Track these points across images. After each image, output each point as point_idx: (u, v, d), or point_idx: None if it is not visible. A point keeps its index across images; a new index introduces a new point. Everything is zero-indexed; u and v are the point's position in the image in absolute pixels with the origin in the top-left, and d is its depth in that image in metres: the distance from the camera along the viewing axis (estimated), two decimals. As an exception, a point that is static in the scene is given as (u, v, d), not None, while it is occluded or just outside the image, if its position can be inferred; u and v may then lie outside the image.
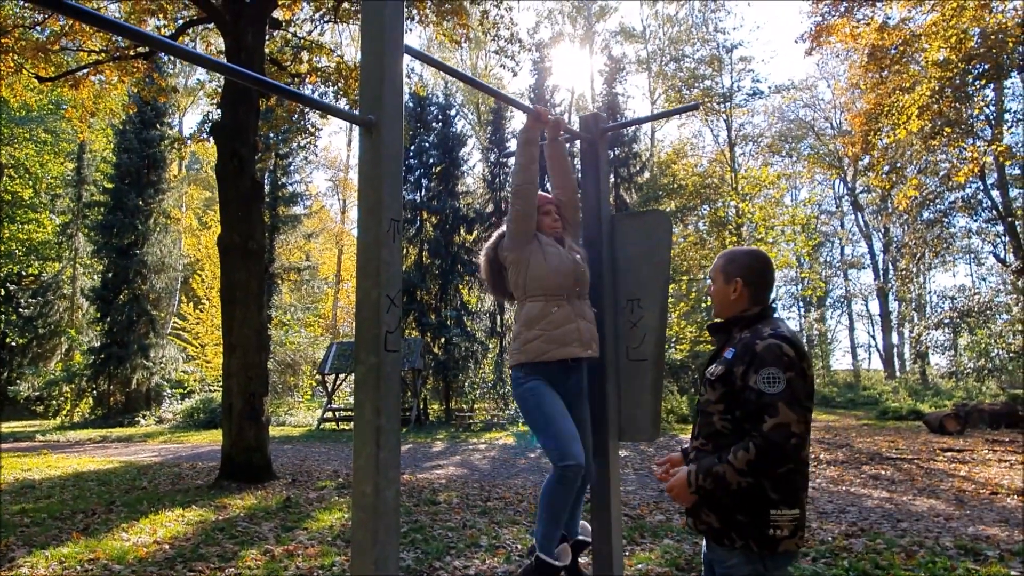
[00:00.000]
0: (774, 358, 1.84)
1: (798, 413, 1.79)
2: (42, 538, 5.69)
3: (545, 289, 2.70)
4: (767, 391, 1.81)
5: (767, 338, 1.90)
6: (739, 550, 1.87)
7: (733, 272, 2.08)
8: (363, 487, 1.90)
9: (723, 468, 1.84)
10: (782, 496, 1.85)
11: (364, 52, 2.04)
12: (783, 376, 1.81)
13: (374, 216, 1.94)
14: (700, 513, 1.96)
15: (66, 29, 10.21)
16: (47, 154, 27.52)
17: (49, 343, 26.49)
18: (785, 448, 1.78)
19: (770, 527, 1.84)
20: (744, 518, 1.86)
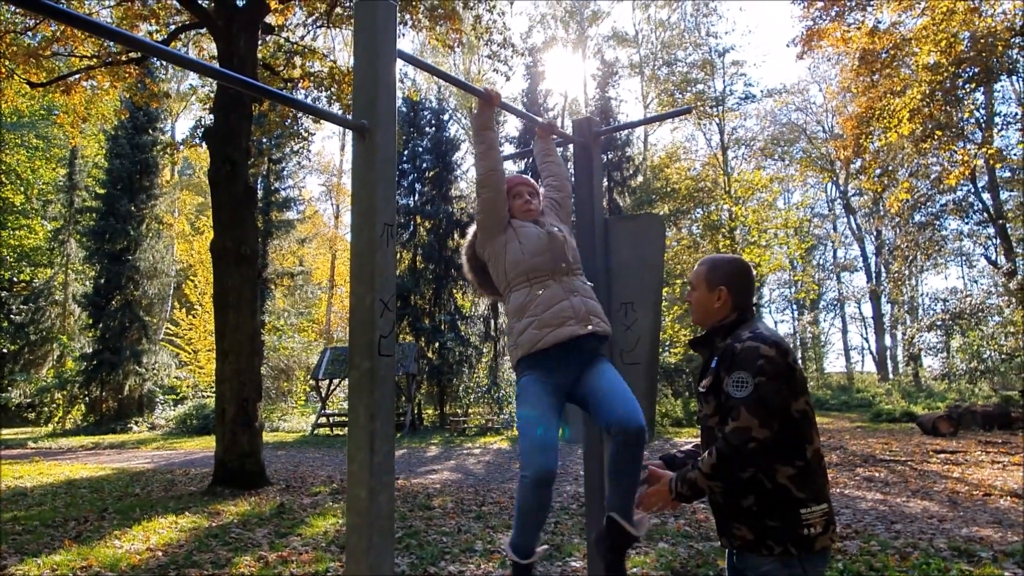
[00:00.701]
0: (747, 361, 1.84)
1: (761, 418, 1.78)
2: (34, 546, 5.65)
3: (526, 272, 2.48)
4: (734, 395, 1.83)
5: (746, 340, 1.90)
6: (777, 556, 1.83)
7: (717, 280, 2.07)
8: (357, 491, 1.90)
9: (695, 474, 1.87)
10: (809, 493, 1.84)
11: (357, 58, 2.04)
12: (751, 380, 1.81)
13: (368, 221, 1.95)
14: (731, 528, 1.92)
15: (58, 34, 10.18)
16: (38, 160, 27.37)
17: (41, 350, 26.32)
18: (743, 452, 1.78)
19: (803, 527, 1.82)
20: (776, 523, 1.83)
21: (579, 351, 2.40)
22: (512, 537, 2.36)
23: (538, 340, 2.36)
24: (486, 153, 2.61)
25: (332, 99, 11.92)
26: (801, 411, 1.85)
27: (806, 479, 1.84)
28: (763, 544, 1.84)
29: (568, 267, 2.52)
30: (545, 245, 2.50)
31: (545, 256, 2.47)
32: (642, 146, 29.45)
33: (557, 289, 2.44)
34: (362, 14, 2.05)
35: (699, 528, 6.04)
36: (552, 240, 2.51)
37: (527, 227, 2.58)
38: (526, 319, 2.42)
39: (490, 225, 2.61)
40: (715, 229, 18.55)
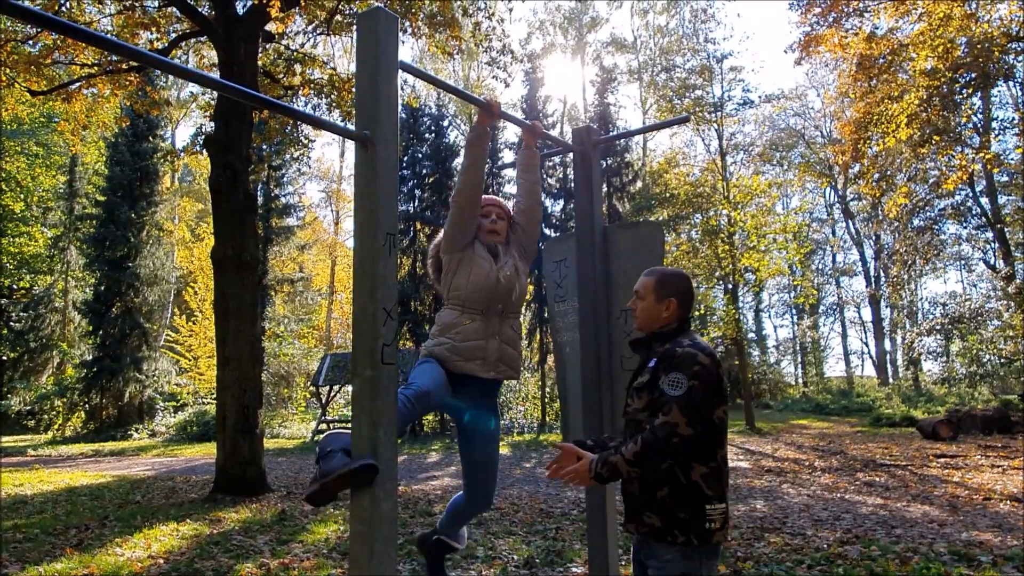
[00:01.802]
0: (686, 365, 2.00)
1: (689, 418, 1.94)
2: (35, 554, 5.65)
3: (462, 300, 2.66)
4: (668, 392, 1.98)
5: (686, 347, 2.07)
6: (679, 546, 2.00)
7: (668, 293, 2.23)
8: (361, 499, 1.92)
9: (616, 458, 2.00)
10: (715, 492, 2.03)
11: (360, 69, 2.06)
12: (686, 383, 1.97)
13: (370, 230, 1.97)
14: (643, 516, 2.07)
15: (58, 43, 10.21)
16: (39, 167, 27.42)
17: (41, 357, 26.31)
18: (667, 444, 1.93)
19: (707, 521, 2.00)
20: (685, 515, 2.00)
21: (476, 386, 2.64)
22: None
23: (444, 360, 2.60)
24: (469, 168, 2.70)
25: (332, 106, 11.96)
26: (720, 419, 2.03)
27: (715, 479, 2.04)
28: (669, 532, 2.01)
29: (503, 310, 2.66)
30: (490, 285, 2.63)
31: (484, 294, 2.61)
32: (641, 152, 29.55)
33: (481, 327, 2.60)
34: (364, 25, 2.08)
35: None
36: (497, 286, 2.64)
37: (483, 260, 2.69)
38: (445, 338, 2.63)
39: (454, 238, 2.73)
40: (714, 234, 18.55)
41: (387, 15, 2.05)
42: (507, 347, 2.64)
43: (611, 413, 2.83)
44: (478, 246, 2.74)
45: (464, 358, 2.57)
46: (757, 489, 8.81)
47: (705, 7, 23.40)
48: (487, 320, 2.63)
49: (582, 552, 5.32)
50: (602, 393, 2.83)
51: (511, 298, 2.68)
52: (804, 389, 35.50)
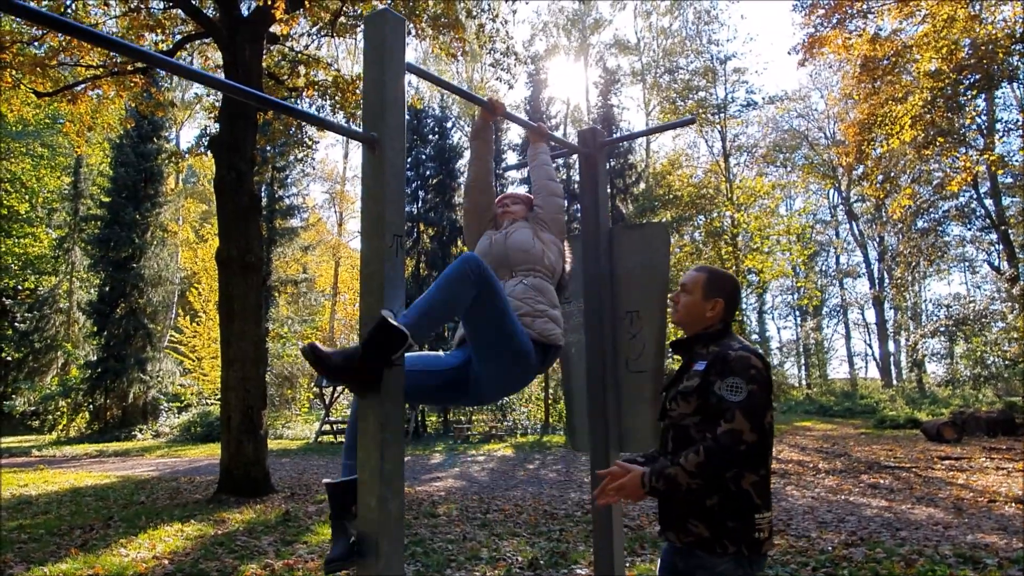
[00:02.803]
0: (742, 369, 1.94)
1: (753, 423, 1.87)
2: (40, 554, 5.66)
3: None
4: (728, 398, 1.91)
5: (738, 350, 2.00)
6: (731, 556, 1.93)
7: (716, 292, 2.16)
8: (368, 500, 1.92)
9: (675, 470, 1.90)
10: (763, 501, 1.97)
11: (366, 71, 2.07)
12: (745, 387, 1.91)
13: (377, 231, 1.97)
14: (687, 525, 1.99)
15: (64, 44, 10.25)
16: (43, 168, 27.52)
17: (45, 357, 26.36)
18: (733, 452, 1.86)
19: (756, 530, 1.94)
20: (734, 524, 1.93)
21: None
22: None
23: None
24: (470, 165, 2.77)
25: (336, 108, 11.98)
26: (770, 424, 1.94)
27: (764, 488, 1.98)
28: (718, 542, 1.94)
29: (508, 271, 2.55)
30: (486, 251, 2.62)
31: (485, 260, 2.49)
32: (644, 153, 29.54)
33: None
34: (371, 27, 2.08)
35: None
36: (492, 247, 2.61)
37: (485, 237, 2.71)
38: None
39: (468, 234, 2.82)
40: (717, 236, 18.55)
41: (394, 17, 2.06)
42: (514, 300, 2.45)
43: (616, 414, 2.84)
44: (488, 231, 2.76)
45: None
46: (761, 491, 8.79)
47: (708, 8, 23.41)
48: None
49: (586, 553, 5.32)
50: (607, 394, 2.83)
51: (510, 256, 2.56)
52: (808, 391, 35.43)
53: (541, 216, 2.73)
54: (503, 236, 2.63)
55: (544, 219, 2.72)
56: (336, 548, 2.00)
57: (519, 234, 2.61)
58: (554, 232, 2.70)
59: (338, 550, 1.99)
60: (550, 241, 2.65)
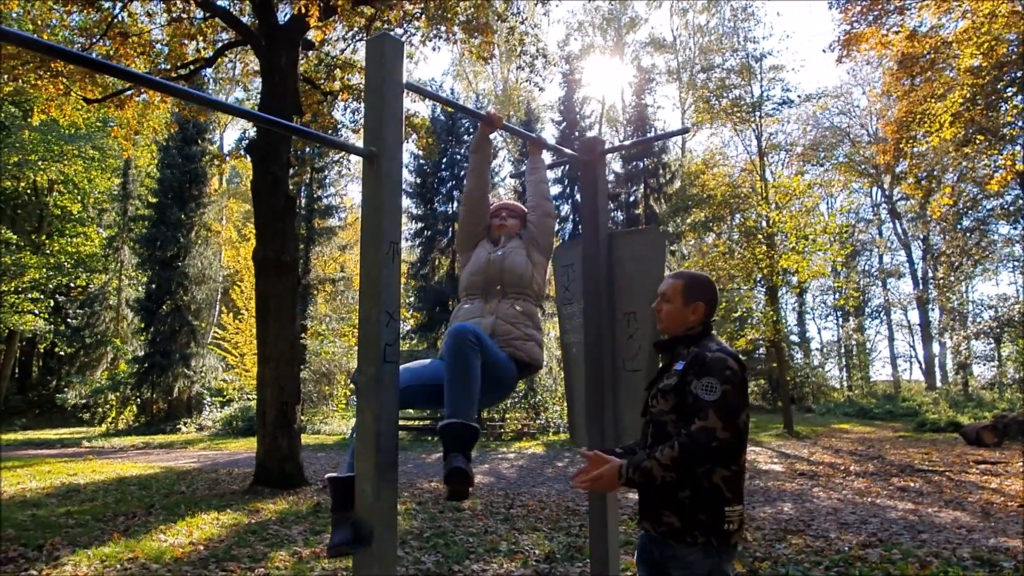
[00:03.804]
0: (718, 370, 2.05)
1: (725, 422, 1.98)
2: (85, 538, 6.00)
3: (465, 288, 2.83)
4: (703, 397, 2.02)
5: (715, 352, 2.11)
6: (700, 546, 2.04)
7: (696, 297, 2.26)
8: (364, 487, 2.09)
9: (651, 464, 2.02)
10: (733, 495, 2.08)
11: (367, 90, 2.24)
12: (720, 387, 2.01)
13: (375, 239, 2.14)
14: (661, 516, 2.11)
15: (111, 53, 10.71)
16: (94, 170, 28.52)
17: (96, 352, 27.38)
18: (706, 449, 1.97)
19: (726, 522, 2.05)
20: (705, 516, 2.04)
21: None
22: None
23: None
24: (471, 173, 2.90)
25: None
26: (744, 423, 2.03)
27: (734, 482, 2.09)
28: (689, 533, 2.05)
29: (500, 291, 2.74)
30: (482, 267, 2.78)
31: (479, 277, 2.75)
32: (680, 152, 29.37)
33: (477, 307, 2.72)
34: (373, 50, 2.25)
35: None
36: (489, 265, 2.77)
37: (482, 249, 2.86)
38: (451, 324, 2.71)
39: (462, 238, 2.97)
40: (752, 235, 18.37)
41: (393, 40, 2.22)
42: (502, 323, 2.67)
43: (612, 413, 2.96)
44: (484, 241, 2.93)
45: None
46: (787, 492, 8.78)
47: (745, 5, 23.14)
48: (485, 301, 2.75)
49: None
50: (604, 393, 2.96)
51: (504, 278, 2.75)
52: (848, 393, 34.78)
53: (534, 235, 2.91)
54: (500, 256, 2.80)
55: (536, 238, 2.90)
56: (339, 535, 2.18)
57: (516, 256, 2.80)
58: (543, 253, 2.90)
59: (340, 536, 2.16)
60: (539, 263, 2.86)
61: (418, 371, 2.63)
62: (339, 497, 2.28)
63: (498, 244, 2.89)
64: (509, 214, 2.96)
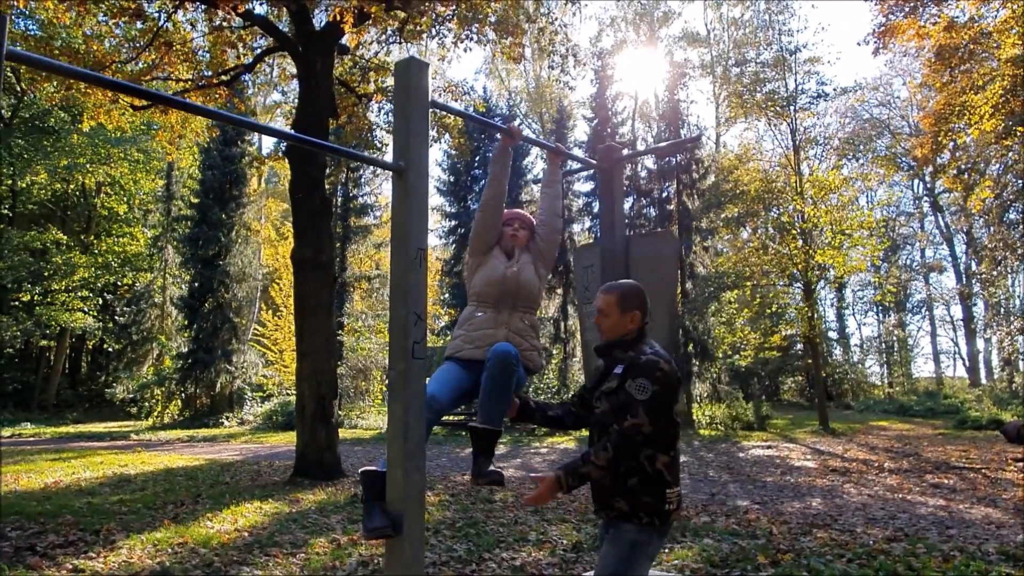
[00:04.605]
0: (649, 372, 2.29)
1: (652, 418, 2.24)
2: (138, 524, 6.36)
3: (478, 295, 3.00)
4: (635, 396, 2.26)
5: (648, 355, 2.36)
6: (644, 526, 2.31)
7: (630, 306, 2.49)
8: (396, 471, 2.30)
9: (587, 469, 2.29)
10: (673, 478, 2.35)
11: (396, 109, 2.44)
12: (651, 388, 2.26)
13: (403, 246, 2.34)
14: (612, 502, 2.36)
15: (156, 61, 11.13)
16: (140, 172, 29.48)
17: (142, 349, 28.28)
18: (633, 441, 2.24)
19: (666, 503, 2.33)
20: (649, 499, 2.31)
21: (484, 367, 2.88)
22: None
23: (459, 350, 2.91)
24: (490, 182, 3.08)
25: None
26: (677, 414, 2.32)
27: (673, 467, 2.35)
28: (635, 515, 2.31)
29: (512, 304, 2.96)
30: (499, 280, 2.96)
31: (494, 289, 2.94)
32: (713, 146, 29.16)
33: (491, 318, 2.92)
34: (400, 72, 2.45)
35: (748, 527, 6.20)
36: (505, 281, 2.97)
37: (498, 259, 3.04)
38: (461, 330, 2.96)
39: (476, 243, 3.12)
40: (785, 231, 18.23)
41: (418, 63, 2.41)
42: (514, 336, 2.91)
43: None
44: (497, 250, 3.11)
45: (475, 345, 2.88)
46: (817, 488, 8.81)
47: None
48: (497, 312, 2.95)
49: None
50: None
51: (519, 293, 2.97)
52: (889, 390, 34.18)
53: (541, 249, 3.13)
54: (516, 272, 3.01)
55: (543, 253, 3.13)
56: (375, 519, 2.38)
57: (528, 273, 3.03)
58: (547, 267, 3.15)
59: (377, 521, 2.37)
60: (543, 277, 3.11)
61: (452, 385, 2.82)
62: (375, 488, 2.48)
63: (511, 257, 3.08)
64: (521, 225, 3.15)
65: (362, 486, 2.52)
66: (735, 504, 7.54)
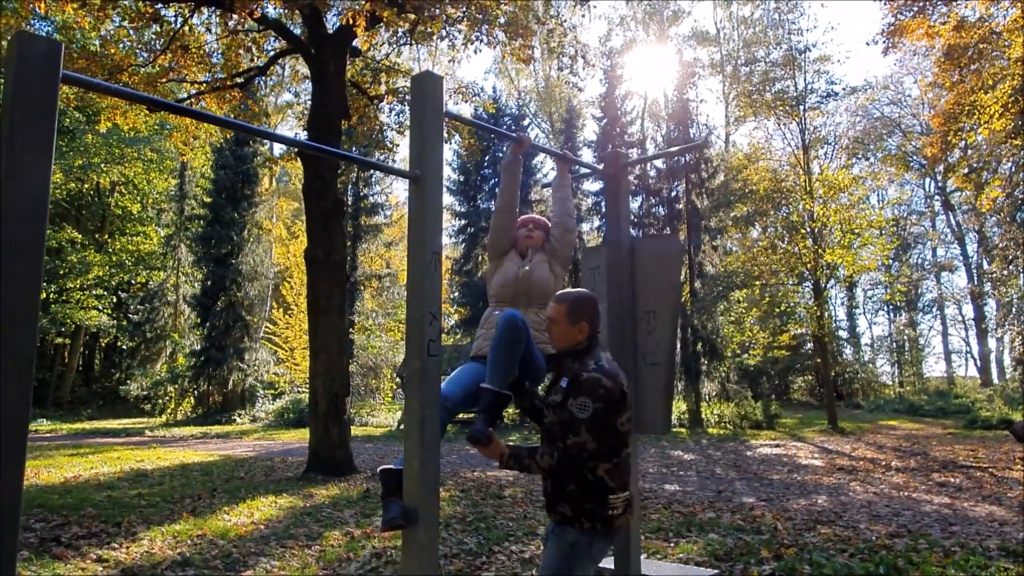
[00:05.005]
0: (590, 390, 2.32)
1: (594, 436, 2.28)
2: (157, 517, 6.54)
3: (495, 296, 3.13)
4: (577, 415, 2.30)
5: (592, 372, 2.37)
6: (587, 531, 2.36)
7: (579, 317, 2.50)
8: (412, 462, 2.43)
9: (530, 463, 2.37)
10: (617, 484, 2.37)
11: (412, 121, 2.58)
12: (592, 406, 2.29)
13: (419, 249, 2.47)
14: (556, 506, 2.43)
15: (172, 64, 11.33)
16: (153, 172, 29.84)
17: (155, 346, 28.63)
18: (578, 460, 2.29)
19: (610, 509, 2.36)
20: (591, 505, 2.35)
21: None
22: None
23: (481, 349, 3.01)
24: (503, 189, 3.21)
25: (414, 113, 12.66)
26: (623, 424, 2.36)
27: (617, 473, 2.37)
28: (577, 520, 2.36)
29: (527, 301, 3.06)
30: (512, 281, 3.08)
31: (509, 289, 3.07)
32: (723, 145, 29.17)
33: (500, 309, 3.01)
34: (416, 84, 2.58)
35: (753, 523, 6.31)
36: (518, 281, 3.08)
37: (512, 261, 3.16)
38: (482, 330, 3.07)
39: (492, 247, 3.25)
40: (795, 230, 18.26)
41: (433, 77, 2.55)
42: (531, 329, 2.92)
43: (634, 401, 3.24)
44: (512, 252, 3.24)
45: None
46: (823, 486, 8.90)
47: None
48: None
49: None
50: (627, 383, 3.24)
51: (532, 291, 3.08)
52: (900, 389, 34.09)
53: (556, 249, 3.22)
54: (528, 271, 3.11)
55: (557, 252, 3.22)
56: (392, 510, 2.51)
57: (541, 271, 3.12)
58: (563, 265, 3.23)
59: (394, 511, 2.49)
60: (560, 275, 3.19)
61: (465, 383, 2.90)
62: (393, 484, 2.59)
63: (525, 257, 3.20)
64: (535, 227, 3.27)
65: (381, 483, 2.64)
66: (741, 501, 7.64)
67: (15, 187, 1.57)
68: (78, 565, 4.83)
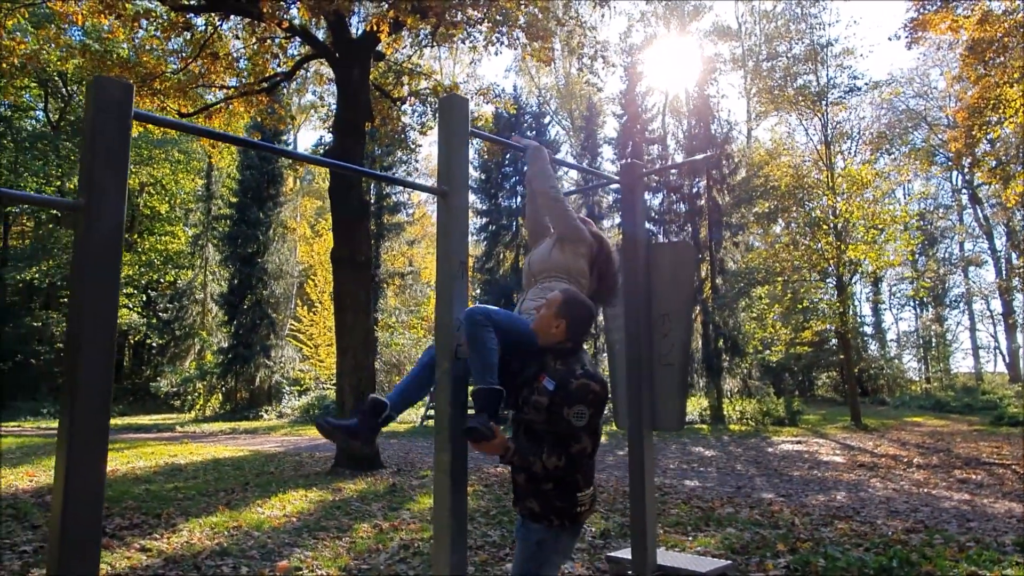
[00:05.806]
0: (582, 397, 2.40)
1: (592, 439, 2.43)
2: (194, 509, 6.82)
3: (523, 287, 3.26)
4: (576, 424, 2.39)
5: (580, 378, 2.43)
6: (555, 527, 2.49)
7: (563, 314, 2.56)
8: (442, 455, 2.62)
9: (535, 460, 2.42)
10: (585, 482, 2.52)
11: (440, 139, 2.76)
12: (587, 412, 2.40)
13: (448, 259, 2.66)
14: (525, 502, 2.55)
15: (202, 70, 11.64)
16: (181, 172, 30.44)
17: (184, 344, 29.21)
18: (580, 463, 2.43)
19: (578, 506, 2.50)
20: (561, 503, 2.48)
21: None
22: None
23: (529, 311, 3.00)
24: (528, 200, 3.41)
25: (436, 114, 12.89)
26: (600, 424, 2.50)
27: (588, 472, 2.52)
28: (546, 516, 2.49)
29: (531, 280, 3.11)
30: (523, 271, 3.25)
31: (523, 278, 3.23)
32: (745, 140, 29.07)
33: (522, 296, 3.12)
34: (444, 106, 2.77)
35: (771, 518, 6.44)
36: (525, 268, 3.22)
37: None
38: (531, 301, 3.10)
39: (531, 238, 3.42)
40: (817, 226, 18.22)
41: (459, 99, 2.73)
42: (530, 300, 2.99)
43: (650, 399, 3.41)
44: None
45: None
46: (843, 482, 8.97)
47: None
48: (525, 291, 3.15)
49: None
50: (642, 384, 3.41)
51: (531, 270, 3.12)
52: (926, 385, 33.73)
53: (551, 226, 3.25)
54: (529, 256, 3.22)
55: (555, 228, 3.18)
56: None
57: (541, 251, 3.14)
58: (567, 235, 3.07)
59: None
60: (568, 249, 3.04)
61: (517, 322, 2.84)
62: (372, 408, 2.71)
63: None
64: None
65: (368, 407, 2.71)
66: (760, 496, 7.76)
67: (96, 211, 1.80)
68: (124, 554, 5.10)
